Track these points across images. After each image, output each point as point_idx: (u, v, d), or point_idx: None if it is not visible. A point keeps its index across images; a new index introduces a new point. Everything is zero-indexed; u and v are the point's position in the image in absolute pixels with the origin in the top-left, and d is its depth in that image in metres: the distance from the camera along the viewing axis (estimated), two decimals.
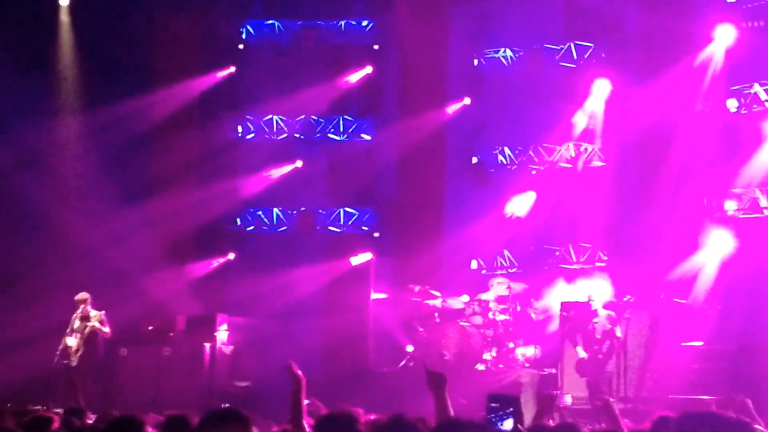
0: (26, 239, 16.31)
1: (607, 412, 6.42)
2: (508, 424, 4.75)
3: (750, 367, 12.73)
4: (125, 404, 13.32)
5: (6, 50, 15.90)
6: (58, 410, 11.27)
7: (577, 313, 13.82)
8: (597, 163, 16.66)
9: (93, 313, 13.81)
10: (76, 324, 13.79)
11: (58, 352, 13.66)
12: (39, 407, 11.80)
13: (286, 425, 7.00)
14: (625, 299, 13.82)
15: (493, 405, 4.75)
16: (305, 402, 6.49)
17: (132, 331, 15.28)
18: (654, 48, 15.88)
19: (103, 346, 14.05)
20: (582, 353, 13.23)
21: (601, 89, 16.46)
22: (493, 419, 4.73)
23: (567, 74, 16.92)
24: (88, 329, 13.70)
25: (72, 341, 13.70)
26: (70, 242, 16.33)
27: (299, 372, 6.49)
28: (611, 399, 8.45)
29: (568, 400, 11.88)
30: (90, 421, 7.62)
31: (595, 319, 13.36)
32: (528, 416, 13.01)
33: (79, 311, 13.78)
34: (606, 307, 13.59)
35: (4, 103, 16.15)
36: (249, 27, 18.43)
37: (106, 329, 13.84)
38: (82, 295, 13.88)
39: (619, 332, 13.25)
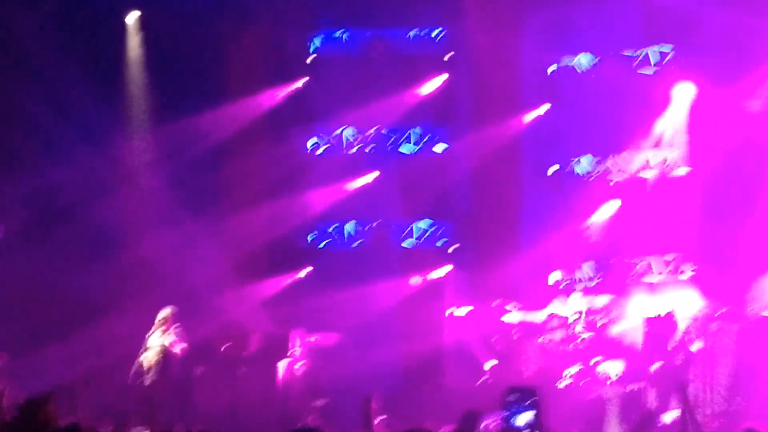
0: (100, 253, 16.59)
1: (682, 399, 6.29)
2: (525, 417, 4.72)
3: None
4: (200, 424, 13.48)
5: (76, 71, 16.27)
6: (138, 429, 11.51)
7: (663, 328, 13.69)
8: (681, 171, 16.49)
9: (171, 330, 14.01)
10: (153, 341, 13.98)
11: (133, 370, 13.88)
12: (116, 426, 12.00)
13: None
14: (716, 313, 13.65)
15: (510, 399, 4.73)
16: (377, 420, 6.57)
17: (207, 350, 15.47)
18: (738, 49, 15.70)
19: (177, 364, 14.25)
20: (662, 366, 13.10)
21: (683, 93, 16.30)
22: (509, 413, 4.71)
23: (646, 80, 16.78)
24: (162, 347, 13.90)
25: (147, 358, 13.91)
26: (144, 262, 16.59)
27: (374, 404, 6.56)
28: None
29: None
30: None
31: (676, 331, 13.21)
32: (612, 430, 12.95)
33: (157, 328, 13.97)
34: (688, 319, 13.43)
35: (76, 126, 16.52)
36: (319, 38, 18.59)
37: (181, 347, 14.03)
38: (167, 310, 14.06)
39: (696, 345, 13.09)
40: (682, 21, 16.38)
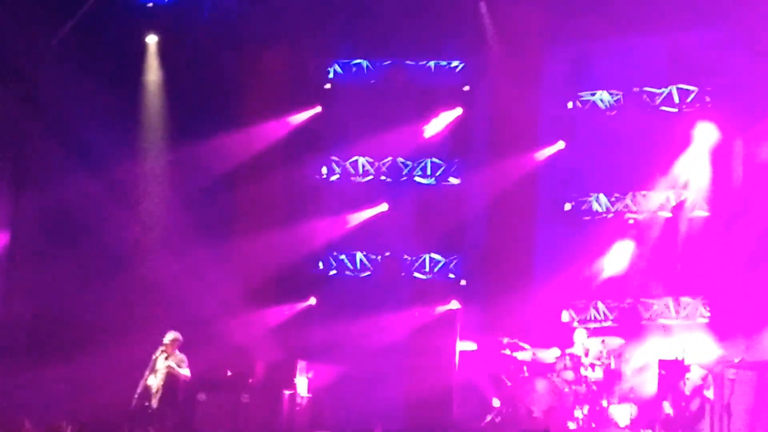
0: (107, 275, 16.52)
1: None
2: None
3: None
4: None
5: (92, 93, 16.25)
6: None
7: (676, 373, 13.50)
8: (700, 213, 16.33)
9: (176, 355, 13.88)
10: (159, 364, 13.84)
11: (137, 394, 13.73)
12: None
13: None
14: (733, 360, 13.44)
15: None
16: None
17: (211, 376, 15.32)
18: (761, 94, 15.60)
19: (182, 389, 14.10)
20: (668, 409, 12.92)
21: (705, 135, 16.18)
22: None
23: (667, 119, 16.66)
24: (170, 371, 13.75)
25: (153, 381, 13.77)
26: (150, 279, 16.51)
27: None
28: None
29: None
30: None
31: (687, 375, 13.02)
32: None
33: (162, 352, 13.83)
34: (705, 366, 13.24)
35: (90, 148, 16.50)
36: (337, 66, 18.54)
37: (186, 371, 13.88)
38: (173, 335, 13.93)
39: (711, 392, 12.89)
40: (707, 62, 16.29)
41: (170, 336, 13.92)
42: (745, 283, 15.22)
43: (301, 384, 15.61)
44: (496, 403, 15.16)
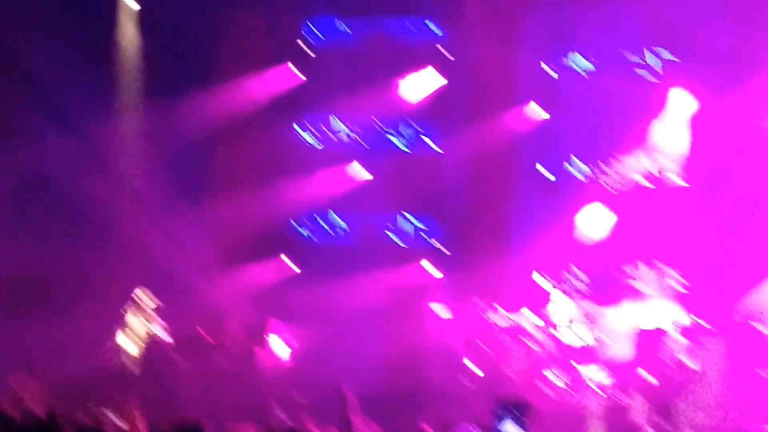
0: (82, 237, 16.47)
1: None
2: (510, 428, 4.64)
3: None
4: (177, 413, 13.34)
5: (67, 48, 16.10)
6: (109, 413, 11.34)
7: (648, 338, 13.62)
8: (675, 180, 16.41)
9: (152, 317, 13.89)
10: (135, 326, 13.84)
11: (111, 353, 13.74)
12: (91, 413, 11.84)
13: None
14: (701, 324, 13.60)
15: (500, 410, 4.65)
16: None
17: (185, 337, 15.33)
18: (738, 62, 15.64)
19: (158, 351, 14.13)
20: (649, 379, 13.05)
21: (681, 101, 16.22)
22: (498, 425, 4.64)
23: (645, 85, 16.70)
24: (146, 333, 13.77)
25: (128, 342, 13.77)
26: (126, 241, 16.47)
27: (350, 394, 6.49)
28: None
29: None
30: None
31: (668, 345, 13.15)
32: None
33: (134, 312, 13.84)
34: (679, 332, 13.37)
35: (64, 107, 16.35)
36: (313, 27, 18.42)
37: (164, 334, 13.90)
38: (148, 297, 13.92)
39: (691, 360, 13.03)
40: (685, 29, 16.30)
41: (142, 296, 13.92)
42: (720, 251, 15.34)
43: (276, 346, 15.64)
44: (471, 367, 15.24)
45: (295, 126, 18.24)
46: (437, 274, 17.20)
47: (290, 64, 18.13)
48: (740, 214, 15.42)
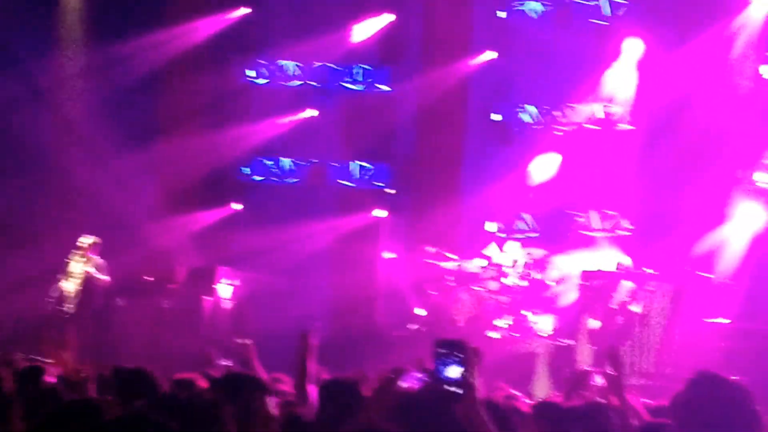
0: (24, 178, 16.19)
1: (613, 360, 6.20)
2: (454, 371, 4.56)
3: None
4: (120, 357, 13.23)
5: None
6: (50, 360, 11.23)
7: (595, 283, 13.67)
8: (625, 127, 16.42)
9: (94, 259, 13.68)
10: (75, 269, 13.63)
11: (52, 298, 13.54)
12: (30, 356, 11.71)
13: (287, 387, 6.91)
14: (647, 271, 13.68)
15: (440, 351, 4.57)
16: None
17: (130, 281, 15.18)
18: (690, 9, 15.61)
19: (99, 294, 13.95)
20: (596, 324, 13.11)
21: (633, 49, 16.19)
22: (439, 366, 4.56)
23: (598, 32, 16.62)
24: (90, 277, 13.58)
25: (68, 286, 13.56)
26: (70, 183, 16.21)
27: (311, 341, 6.41)
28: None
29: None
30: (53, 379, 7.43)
31: (612, 290, 13.20)
32: (541, 387, 12.95)
33: (78, 255, 13.62)
34: (626, 278, 13.42)
35: (6, 36, 15.97)
36: None
37: (105, 276, 13.71)
38: (90, 239, 13.70)
39: (637, 305, 13.11)
40: None
41: (87, 240, 13.69)
42: (666, 197, 15.40)
43: (223, 290, 15.54)
44: (419, 312, 15.25)
45: (245, 68, 17.99)
46: (387, 219, 17.13)
47: (242, 4, 17.82)
48: (690, 160, 15.46)
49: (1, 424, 4.94)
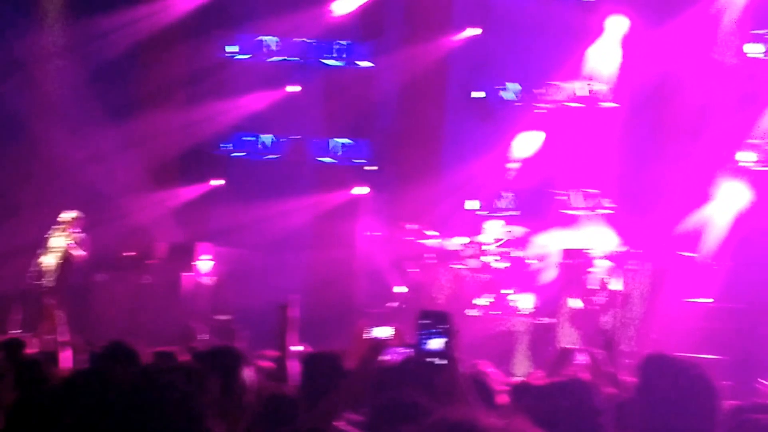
0: (4, 153, 16.09)
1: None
2: (437, 342, 4.58)
3: (760, 328, 12.65)
4: (99, 332, 13.19)
5: None
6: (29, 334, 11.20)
7: (576, 262, 13.71)
8: (608, 105, 16.42)
9: (74, 233, 13.60)
10: (55, 243, 13.56)
11: (32, 272, 13.48)
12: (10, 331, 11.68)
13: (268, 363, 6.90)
14: (627, 249, 13.72)
15: (423, 322, 4.59)
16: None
17: (109, 257, 15.12)
18: None
19: (77, 268, 13.88)
20: (577, 303, 13.15)
21: (616, 27, 16.18)
22: (422, 337, 4.58)
23: (581, 8, 16.61)
24: (63, 250, 13.52)
25: (48, 261, 13.50)
26: (46, 159, 16.11)
27: (290, 313, 6.41)
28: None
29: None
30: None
31: (593, 269, 13.24)
32: (522, 366, 13.00)
33: (57, 231, 13.55)
34: (607, 257, 13.46)
35: None
36: None
37: (81, 252, 13.64)
38: (72, 213, 13.63)
39: (618, 284, 13.15)
40: None
41: (69, 215, 13.63)
42: (649, 176, 15.44)
43: (203, 267, 15.51)
44: (398, 289, 15.26)
45: (225, 43, 17.90)
46: (367, 196, 17.11)
47: None
48: (673, 139, 15.50)
49: None
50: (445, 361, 4.49)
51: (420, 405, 3.98)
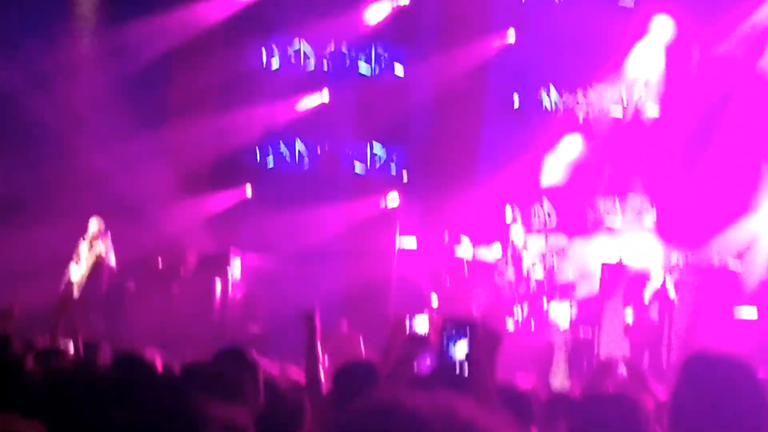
0: (34, 163, 16.16)
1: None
2: (461, 349, 4.49)
3: None
4: (130, 342, 13.19)
5: None
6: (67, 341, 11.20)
7: (621, 274, 13.55)
8: (651, 111, 16.25)
9: (103, 243, 13.64)
10: (84, 253, 13.62)
11: (63, 282, 13.53)
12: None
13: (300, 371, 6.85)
14: (673, 262, 13.54)
15: (449, 330, 4.50)
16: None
17: (141, 265, 15.14)
18: None
19: (108, 278, 13.91)
20: (619, 315, 13.00)
21: (661, 28, 15.99)
22: (446, 344, 4.49)
23: (622, 11, 16.45)
24: (95, 259, 13.55)
25: (78, 270, 13.55)
26: (80, 168, 16.16)
27: (318, 322, 6.34)
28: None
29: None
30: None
31: (641, 281, 13.09)
32: (559, 378, 12.85)
33: (89, 238, 13.60)
34: (653, 268, 13.29)
35: (16, 18, 15.94)
36: None
37: (111, 261, 13.67)
38: (100, 221, 13.68)
39: (666, 294, 12.98)
40: None
41: (97, 222, 13.67)
42: (693, 184, 15.24)
43: (234, 276, 15.48)
44: (434, 301, 15.16)
45: (258, 51, 17.91)
46: (401, 205, 17.03)
47: None
48: (719, 147, 15.30)
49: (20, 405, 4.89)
50: (469, 371, 4.40)
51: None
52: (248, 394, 4.72)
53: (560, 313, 14.43)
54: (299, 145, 17.83)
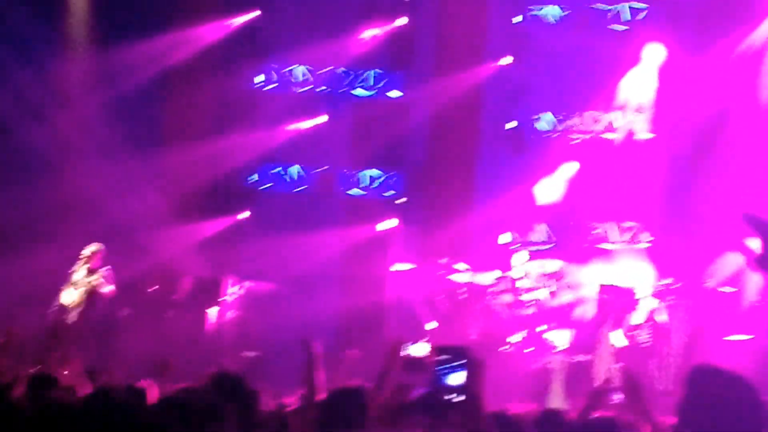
0: (28, 186, 16.23)
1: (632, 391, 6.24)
2: (458, 377, 4.58)
3: None
4: (123, 369, 13.26)
5: None
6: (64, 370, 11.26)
7: (617, 298, 13.64)
8: (645, 136, 16.41)
9: (98, 269, 13.71)
10: (79, 278, 13.68)
11: (55, 307, 13.58)
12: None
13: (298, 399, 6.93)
14: (667, 284, 13.64)
15: (443, 357, 4.59)
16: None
17: (134, 291, 15.20)
18: (712, 16, 15.61)
19: (103, 304, 13.98)
20: (615, 340, 13.08)
21: (654, 55, 16.18)
22: (441, 372, 4.58)
23: (617, 37, 16.63)
24: (89, 285, 13.62)
25: (73, 296, 13.61)
26: (72, 193, 16.24)
27: (316, 348, 6.42)
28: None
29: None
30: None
31: (631, 305, 13.18)
32: (556, 403, 12.92)
33: (82, 264, 13.67)
34: (649, 292, 13.38)
35: (8, 43, 16.06)
36: None
37: (109, 286, 13.75)
38: (94, 248, 13.75)
39: (656, 320, 13.07)
40: None
41: (90, 248, 13.74)
42: (688, 208, 15.37)
43: (229, 301, 15.54)
44: (430, 325, 15.24)
45: (253, 74, 18.04)
46: (397, 229, 17.12)
47: (252, 7, 17.88)
48: (713, 171, 15.43)
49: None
50: (463, 397, 4.49)
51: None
52: (239, 420, 4.82)
53: (557, 337, 14.52)
54: (295, 169, 17.94)
